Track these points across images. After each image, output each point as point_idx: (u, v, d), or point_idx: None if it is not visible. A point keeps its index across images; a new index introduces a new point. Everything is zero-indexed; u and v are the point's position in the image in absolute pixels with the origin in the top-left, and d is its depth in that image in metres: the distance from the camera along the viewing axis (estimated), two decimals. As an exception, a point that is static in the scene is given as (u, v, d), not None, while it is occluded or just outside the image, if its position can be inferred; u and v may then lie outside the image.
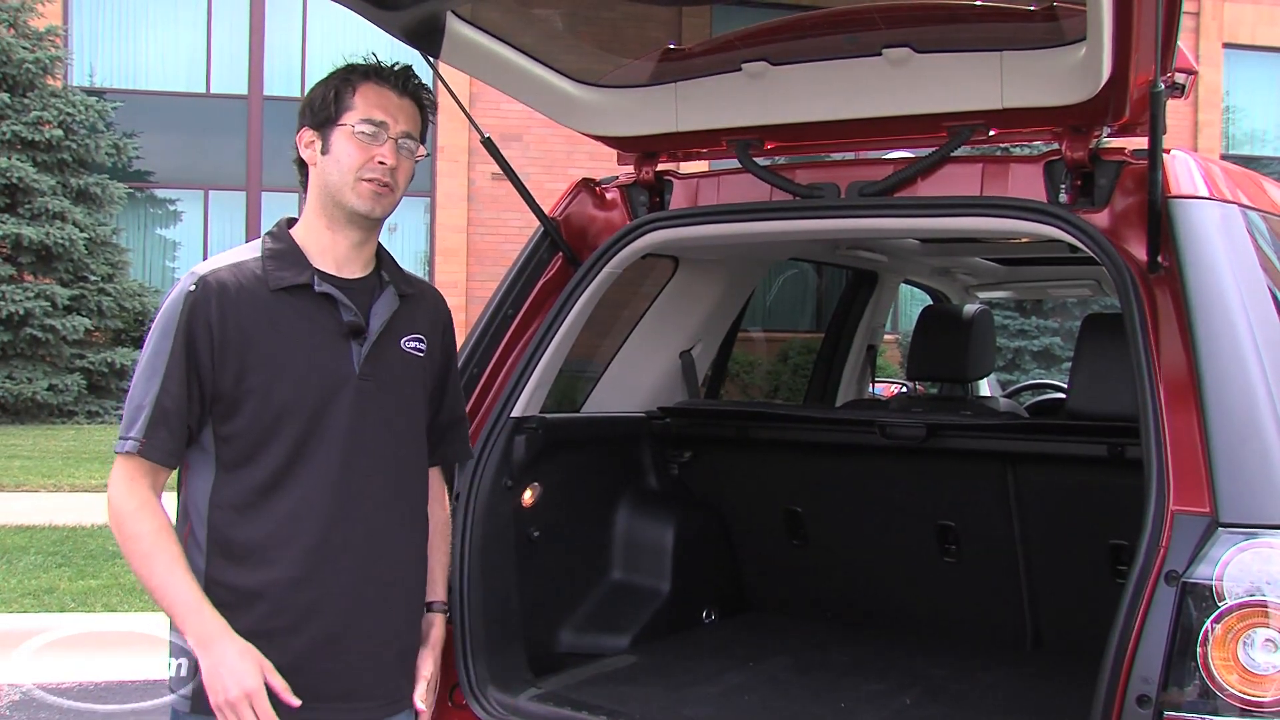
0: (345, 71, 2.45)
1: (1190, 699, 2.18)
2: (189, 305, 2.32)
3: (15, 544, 8.23)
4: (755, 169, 3.19)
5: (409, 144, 2.44)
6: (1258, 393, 2.32)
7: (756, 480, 4.04)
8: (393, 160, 2.40)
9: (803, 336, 12.74)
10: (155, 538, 2.30)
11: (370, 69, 2.44)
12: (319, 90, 2.45)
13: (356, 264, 2.47)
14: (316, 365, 2.38)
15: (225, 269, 2.39)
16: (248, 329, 2.34)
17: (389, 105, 2.41)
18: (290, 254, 2.43)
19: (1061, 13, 2.74)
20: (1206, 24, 21.17)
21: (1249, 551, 2.18)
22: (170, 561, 2.29)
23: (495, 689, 2.95)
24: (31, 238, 14.87)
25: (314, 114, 2.43)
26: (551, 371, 3.24)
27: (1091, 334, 3.48)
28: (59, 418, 15.08)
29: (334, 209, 2.43)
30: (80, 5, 18.08)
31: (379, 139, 2.39)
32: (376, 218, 2.44)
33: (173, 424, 2.31)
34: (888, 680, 3.33)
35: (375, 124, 2.39)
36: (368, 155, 2.39)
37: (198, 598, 2.29)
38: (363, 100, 2.40)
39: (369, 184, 2.39)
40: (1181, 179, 2.64)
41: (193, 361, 2.31)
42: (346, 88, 2.41)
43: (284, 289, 2.38)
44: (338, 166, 2.40)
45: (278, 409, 2.34)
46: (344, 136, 2.39)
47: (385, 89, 2.42)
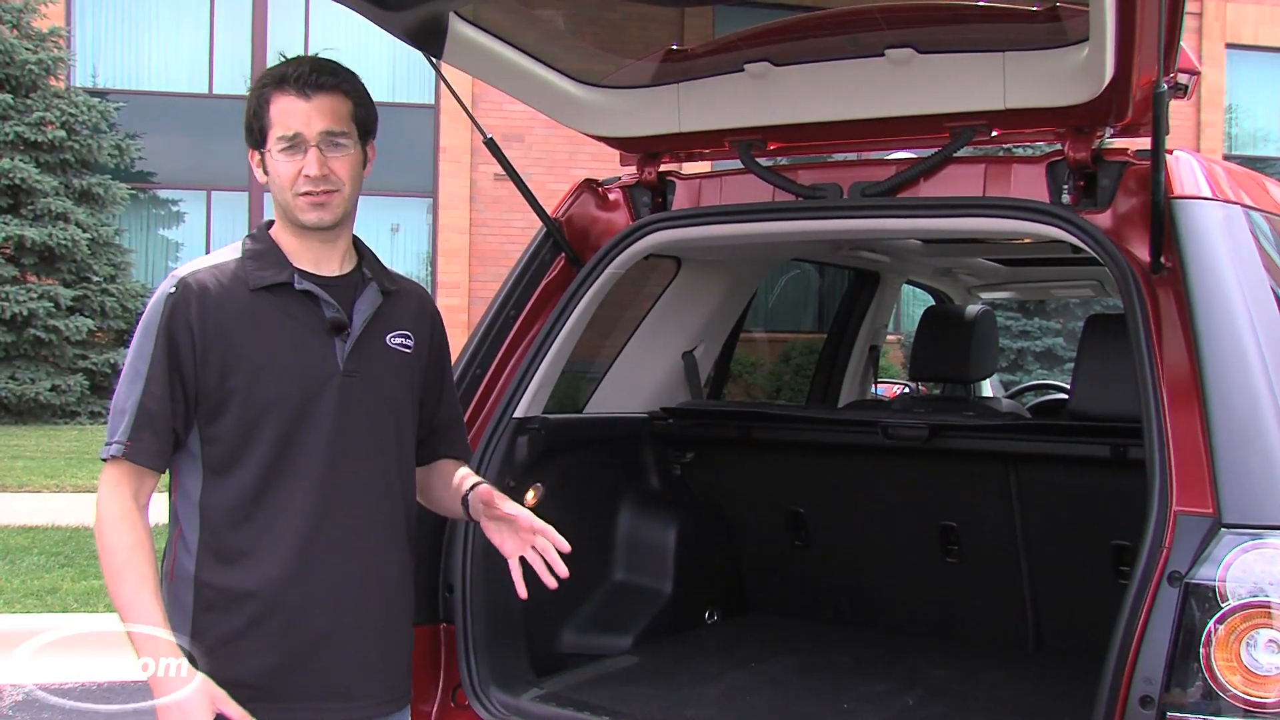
0: (258, 85, 2.41)
1: (1193, 700, 2.18)
2: (169, 307, 2.33)
3: (18, 544, 8.24)
4: (758, 169, 3.19)
5: (336, 140, 2.38)
6: (1260, 393, 2.32)
7: (759, 481, 4.04)
8: (318, 169, 2.35)
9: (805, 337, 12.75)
10: (129, 553, 2.28)
11: (274, 77, 2.39)
12: (248, 106, 2.42)
13: (334, 262, 2.46)
14: (299, 362, 2.37)
15: (205, 270, 2.39)
16: (228, 329, 2.34)
17: (298, 111, 2.35)
18: (270, 254, 2.43)
19: (1064, 13, 2.73)
20: (1209, 24, 21.15)
21: (1252, 552, 2.18)
22: (138, 581, 2.26)
23: (498, 689, 2.95)
24: (34, 239, 14.88)
25: (249, 135, 2.42)
26: (554, 372, 3.24)
27: (1094, 335, 3.47)
28: (62, 418, 15.09)
29: (291, 222, 2.43)
30: (83, 6, 18.10)
31: (299, 150, 2.36)
32: (328, 225, 2.41)
33: (157, 426, 2.30)
34: (890, 681, 3.33)
35: (289, 139, 2.35)
36: (295, 170, 2.36)
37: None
38: (276, 115, 2.36)
39: (304, 198, 2.37)
40: (1184, 179, 2.64)
41: (174, 362, 2.31)
42: (262, 104, 2.38)
43: (264, 288, 2.38)
44: (276, 186, 2.40)
45: (261, 407, 2.34)
46: (271, 158, 2.38)
47: (291, 96, 2.36)
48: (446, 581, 3.01)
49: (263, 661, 2.34)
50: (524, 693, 3.01)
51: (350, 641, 2.41)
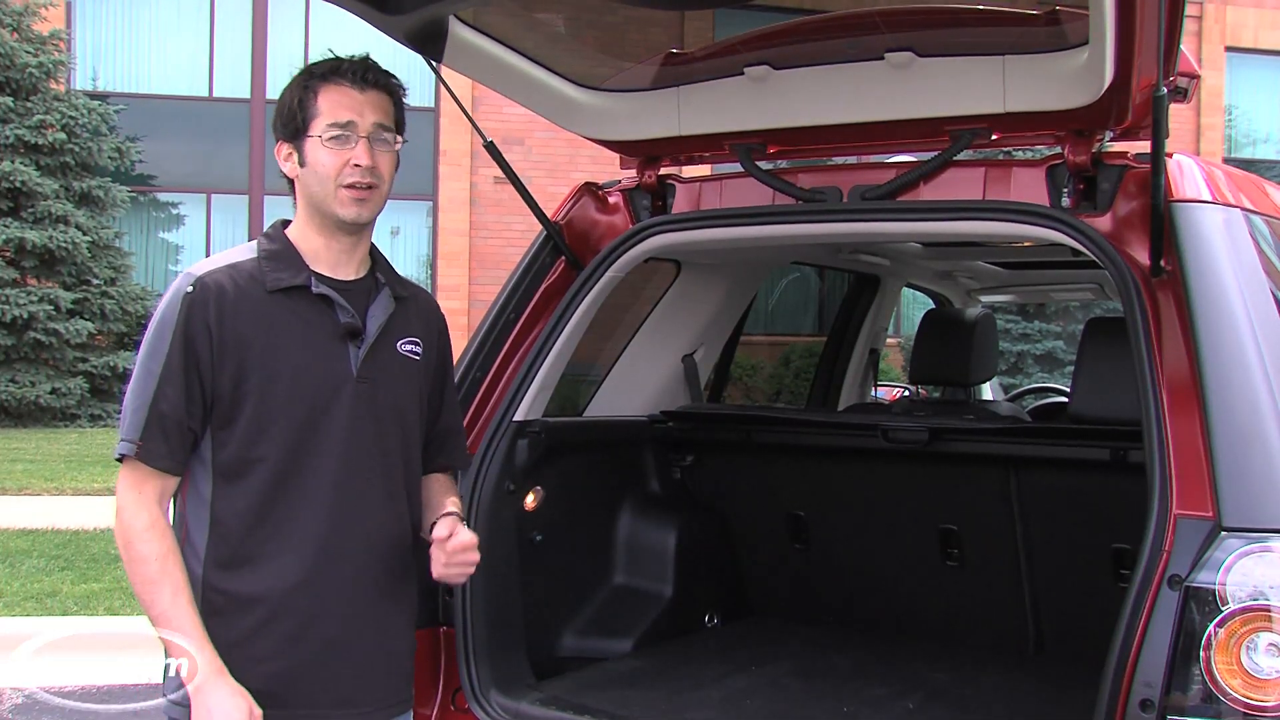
0: (304, 77, 2.40)
1: (1193, 703, 2.17)
2: (186, 306, 2.30)
3: (18, 547, 8.24)
4: (758, 173, 3.19)
5: (383, 136, 2.39)
6: (1260, 396, 2.32)
7: (759, 484, 4.04)
8: (368, 160, 2.36)
9: (805, 340, 12.76)
10: (163, 563, 2.27)
11: (327, 69, 2.39)
12: (285, 99, 2.41)
13: (351, 266, 2.46)
14: (314, 368, 2.36)
15: (222, 270, 2.37)
16: (245, 330, 2.32)
17: (353, 103, 2.36)
18: (286, 255, 2.41)
19: (1064, 17, 2.74)
20: (1209, 27, 21.17)
21: (1252, 556, 2.18)
22: (174, 591, 2.26)
23: (498, 693, 2.95)
24: (34, 241, 14.89)
25: (285, 126, 2.40)
26: (554, 375, 3.24)
27: (1094, 338, 3.47)
28: (62, 421, 15.09)
29: (322, 218, 2.41)
30: (83, 9, 18.12)
31: (350, 141, 2.35)
32: (365, 222, 2.42)
33: (169, 427, 2.28)
34: (890, 684, 3.33)
35: (342, 126, 2.35)
36: (343, 160, 2.35)
37: (200, 636, 2.26)
38: (326, 104, 2.36)
39: (349, 190, 2.36)
40: (1184, 183, 2.64)
41: (191, 362, 2.29)
42: (309, 94, 2.37)
43: (280, 290, 2.37)
44: (317, 177, 2.37)
45: (275, 411, 2.33)
46: (316, 146, 2.36)
47: (345, 87, 2.37)
48: (446, 585, 3.01)
49: (270, 667, 2.33)
50: (524, 696, 3.00)
51: (357, 647, 2.41)
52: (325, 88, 2.37)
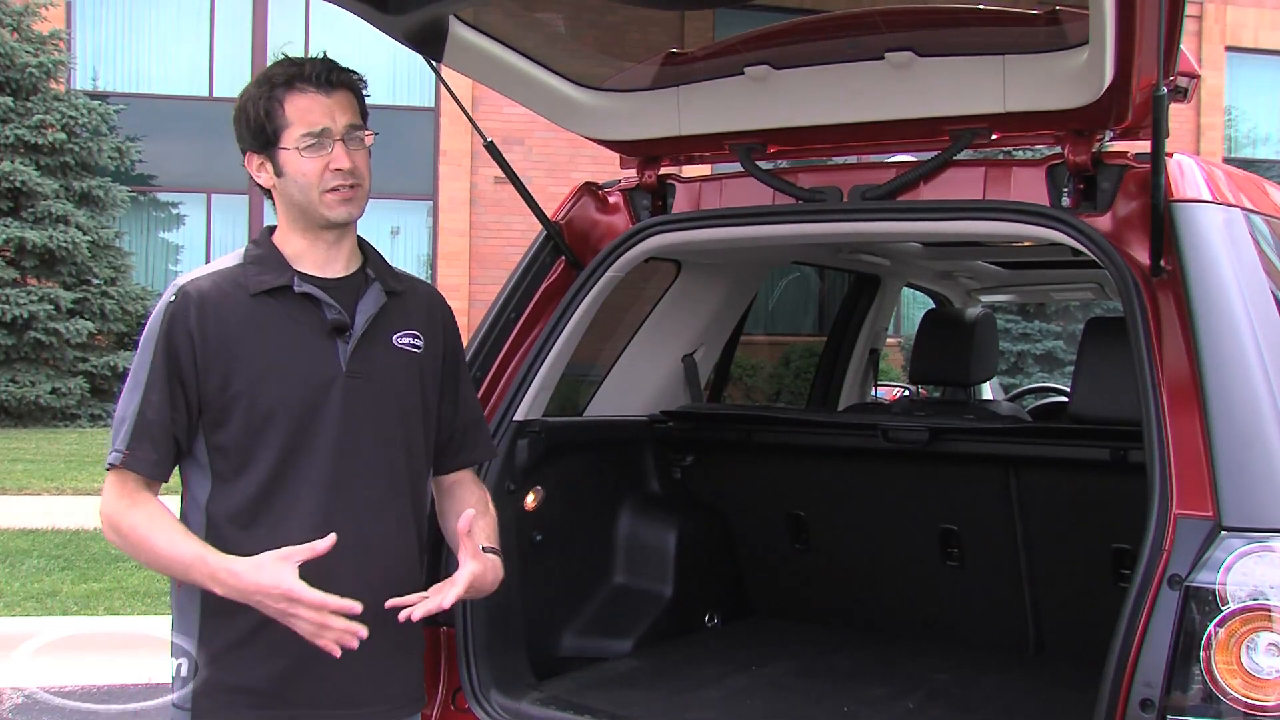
0: (265, 86, 2.37)
1: (1193, 703, 2.17)
2: (169, 316, 2.33)
3: (18, 547, 8.24)
4: (758, 173, 3.19)
5: (356, 135, 2.39)
6: (1261, 396, 2.32)
7: (759, 484, 4.04)
8: (348, 162, 2.36)
9: (805, 340, 12.77)
10: (150, 519, 2.30)
11: (289, 75, 2.36)
12: (248, 111, 2.37)
13: (338, 263, 2.46)
14: (302, 365, 2.37)
15: (206, 278, 2.40)
16: (229, 334, 2.33)
17: (322, 108, 2.35)
18: (271, 258, 2.42)
19: (1064, 17, 2.74)
20: (1209, 27, 21.18)
21: (1252, 555, 2.18)
22: (169, 530, 2.29)
23: (498, 692, 2.95)
24: (35, 241, 14.90)
25: (254, 138, 2.38)
26: (554, 375, 3.24)
27: (1094, 338, 3.47)
28: (62, 421, 15.10)
29: (306, 220, 2.41)
30: (83, 9, 18.12)
31: (325, 147, 2.35)
32: (353, 220, 2.43)
33: (155, 435, 2.31)
34: (890, 684, 3.33)
35: (317, 135, 2.34)
36: (322, 166, 2.35)
37: (201, 550, 2.26)
38: (295, 112, 2.34)
39: (334, 194, 2.37)
40: (1184, 183, 2.64)
41: (174, 370, 2.31)
42: (274, 104, 2.35)
43: (265, 292, 2.37)
44: (298, 186, 2.37)
45: (265, 412, 2.33)
46: (293, 157, 2.35)
47: (312, 92, 2.35)
48: None
49: (270, 667, 2.33)
50: (524, 696, 3.00)
51: (362, 646, 2.39)
52: (291, 95, 2.35)
